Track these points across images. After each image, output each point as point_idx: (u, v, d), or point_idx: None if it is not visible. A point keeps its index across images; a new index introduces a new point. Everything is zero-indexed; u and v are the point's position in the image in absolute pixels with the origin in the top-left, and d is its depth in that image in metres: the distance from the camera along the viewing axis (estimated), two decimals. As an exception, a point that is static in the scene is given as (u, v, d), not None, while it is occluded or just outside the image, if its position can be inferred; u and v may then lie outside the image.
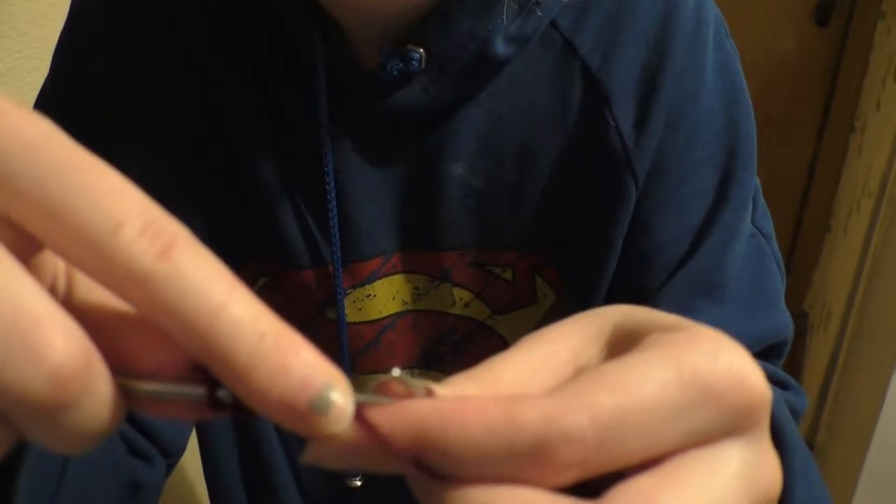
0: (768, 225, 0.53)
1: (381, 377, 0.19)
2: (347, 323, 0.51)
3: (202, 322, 0.17)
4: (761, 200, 0.52)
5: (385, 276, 0.51)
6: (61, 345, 0.16)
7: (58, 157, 0.17)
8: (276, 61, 0.46)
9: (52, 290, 0.19)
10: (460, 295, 0.51)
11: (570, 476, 0.18)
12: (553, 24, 0.46)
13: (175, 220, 0.17)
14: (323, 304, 0.51)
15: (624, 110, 0.46)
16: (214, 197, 0.49)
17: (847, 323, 1.58)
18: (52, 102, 0.51)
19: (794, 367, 1.99)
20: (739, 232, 0.49)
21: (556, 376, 0.21)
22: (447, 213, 0.48)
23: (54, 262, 0.19)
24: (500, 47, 0.44)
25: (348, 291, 0.50)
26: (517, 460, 0.18)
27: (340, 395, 0.17)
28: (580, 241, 0.49)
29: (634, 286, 0.49)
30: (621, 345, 0.21)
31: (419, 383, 0.19)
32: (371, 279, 0.50)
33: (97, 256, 0.17)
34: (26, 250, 0.18)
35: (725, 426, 0.19)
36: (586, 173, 0.47)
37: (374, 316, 0.52)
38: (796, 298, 2.18)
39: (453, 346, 0.54)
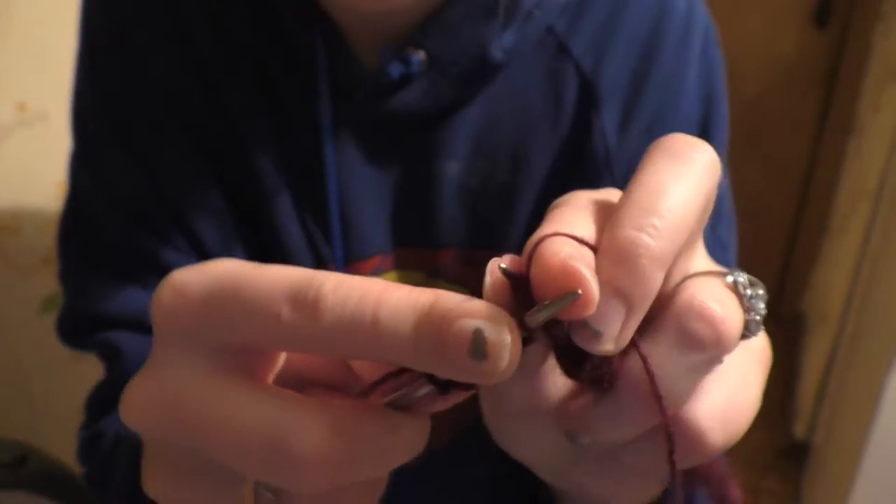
0: (730, 234, 0.52)
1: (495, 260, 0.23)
2: None
3: (369, 339, 0.20)
4: (726, 209, 0.52)
5: (383, 272, 0.51)
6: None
7: (227, 282, 0.21)
8: (278, 62, 0.47)
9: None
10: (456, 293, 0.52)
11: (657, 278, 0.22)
12: (548, 26, 0.46)
13: (315, 274, 0.21)
14: None
15: (611, 113, 0.47)
16: (225, 198, 0.50)
17: (845, 324, 1.58)
18: (84, 127, 0.51)
19: (792, 368, 1.99)
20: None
21: None
22: (442, 211, 0.49)
23: None
24: (499, 51, 0.45)
25: None
26: (617, 269, 0.22)
27: (490, 328, 0.19)
28: None
29: None
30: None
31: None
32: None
33: (287, 341, 0.21)
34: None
35: (711, 197, 0.24)
36: (573, 174, 0.48)
37: None
38: (794, 299, 2.18)
39: None
